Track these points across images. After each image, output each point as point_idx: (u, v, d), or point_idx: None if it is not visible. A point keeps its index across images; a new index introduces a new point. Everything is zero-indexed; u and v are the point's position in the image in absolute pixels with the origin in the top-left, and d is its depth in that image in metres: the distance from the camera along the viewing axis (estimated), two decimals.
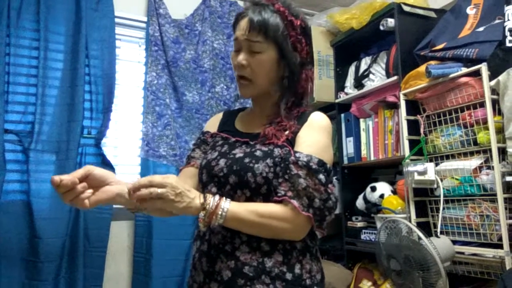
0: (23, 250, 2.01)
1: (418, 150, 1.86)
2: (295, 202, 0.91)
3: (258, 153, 0.98)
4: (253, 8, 1.02)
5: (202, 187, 1.05)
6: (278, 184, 0.94)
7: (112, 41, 2.33)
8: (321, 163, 0.95)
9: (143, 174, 2.36)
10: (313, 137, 1.00)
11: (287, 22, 1.02)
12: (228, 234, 0.96)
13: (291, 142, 1.00)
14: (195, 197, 0.88)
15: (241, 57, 1.02)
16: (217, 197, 0.90)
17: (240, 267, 0.94)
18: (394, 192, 2.12)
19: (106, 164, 2.23)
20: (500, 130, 1.59)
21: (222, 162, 1.01)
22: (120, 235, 2.33)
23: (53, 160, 2.11)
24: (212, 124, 1.20)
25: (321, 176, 0.94)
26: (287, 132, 1.01)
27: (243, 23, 1.02)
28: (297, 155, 0.95)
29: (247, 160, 0.97)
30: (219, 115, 1.22)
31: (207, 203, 0.87)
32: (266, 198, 0.96)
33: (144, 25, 2.52)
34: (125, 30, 2.51)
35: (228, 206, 0.89)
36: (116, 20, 2.37)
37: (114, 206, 2.24)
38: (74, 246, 2.10)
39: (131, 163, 2.46)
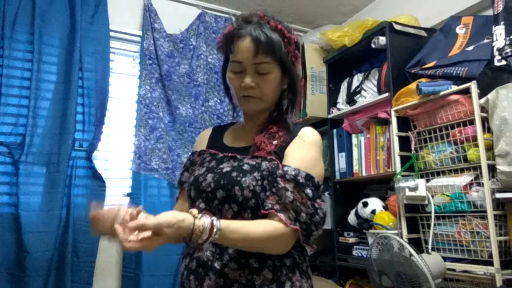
0: (10, 264, 1.97)
1: (409, 166, 1.88)
2: (282, 215, 0.90)
3: (245, 167, 0.98)
4: (251, 28, 1.00)
5: (191, 203, 1.04)
6: (265, 198, 0.93)
7: (106, 54, 2.34)
8: (308, 177, 0.95)
9: (134, 187, 2.34)
10: (302, 152, 1.00)
11: (286, 40, 1.03)
12: (217, 251, 0.95)
13: (279, 154, 1.00)
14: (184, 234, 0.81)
15: (249, 80, 1.00)
16: (206, 233, 0.81)
17: (229, 284, 0.92)
18: (386, 208, 2.13)
19: (97, 177, 2.21)
20: (489, 148, 1.61)
21: (209, 177, 1.00)
22: (109, 250, 2.29)
23: (43, 172, 2.08)
24: (201, 141, 1.19)
25: (308, 191, 0.93)
26: (275, 142, 1.01)
27: (246, 44, 0.99)
28: (285, 168, 0.95)
29: (234, 174, 0.97)
30: (209, 131, 1.22)
31: (196, 235, 0.80)
32: (254, 212, 0.94)
33: (139, 39, 2.53)
34: (119, 43, 2.53)
35: (217, 237, 0.82)
36: (111, 33, 2.39)
37: None
38: (62, 261, 2.06)
39: (122, 177, 2.44)
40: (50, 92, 2.16)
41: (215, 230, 0.81)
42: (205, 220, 0.81)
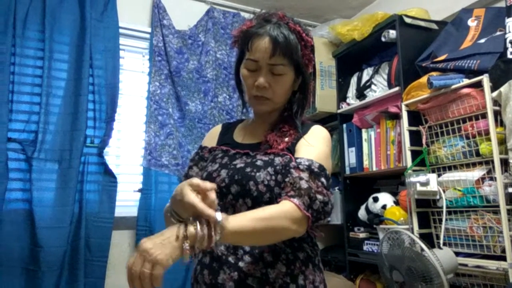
0: (24, 259, 2.00)
1: (420, 160, 1.86)
2: (295, 200, 0.88)
3: (259, 162, 0.99)
4: (271, 28, 1.00)
5: None
6: (281, 190, 0.94)
7: (116, 51, 2.35)
8: (322, 167, 0.96)
9: (145, 183, 2.36)
10: (314, 146, 1.01)
11: (303, 42, 1.03)
12: (231, 245, 0.96)
13: (291, 150, 1.01)
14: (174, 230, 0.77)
15: (263, 80, 1.01)
16: (203, 224, 0.78)
17: (243, 278, 0.93)
18: (397, 203, 2.11)
19: (108, 173, 2.24)
20: (502, 141, 1.59)
21: (223, 172, 1.01)
22: (121, 244, 2.32)
23: (56, 169, 2.11)
24: (211, 138, 1.20)
25: (323, 179, 0.94)
26: (287, 139, 1.03)
27: (264, 44, 0.99)
28: (298, 160, 0.96)
29: (248, 169, 0.98)
30: (218, 128, 1.22)
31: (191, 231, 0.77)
32: None
33: (148, 35, 2.54)
34: (129, 40, 2.54)
35: (221, 225, 0.79)
36: (121, 30, 2.40)
37: (116, 215, 2.24)
38: (75, 256, 2.10)
39: (133, 172, 2.46)
40: (61, 89, 2.19)
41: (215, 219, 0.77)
42: (197, 222, 0.78)
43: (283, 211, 0.87)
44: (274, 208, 0.88)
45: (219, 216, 0.78)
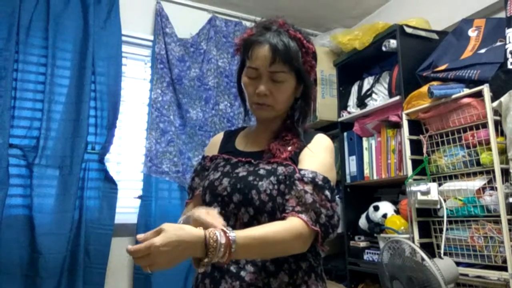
0: (24, 265, 1.99)
1: (421, 170, 1.86)
2: (303, 216, 0.88)
3: (261, 171, 0.98)
4: (270, 36, 1.00)
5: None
6: (285, 201, 0.93)
7: (119, 58, 2.37)
8: (326, 180, 0.95)
9: (145, 190, 2.36)
10: (317, 156, 1.00)
11: (304, 49, 1.03)
12: None
13: (294, 160, 1.00)
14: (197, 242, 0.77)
15: (264, 88, 1.00)
16: (223, 237, 0.78)
17: (245, 287, 0.92)
18: (397, 211, 2.11)
19: (108, 179, 2.24)
20: (503, 151, 1.59)
21: (225, 181, 1.01)
22: (121, 251, 2.30)
23: (57, 175, 2.11)
24: (213, 146, 1.19)
25: (327, 192, 0.93)
26: (290, 148, 1.02)
27: (263, 52, 0.99)
28: (302, 172, 0.95)
29: (251, 178, 0.97)
30: (220, 136, 1.22)
31: (211, 245, 0.76)
32: (271, 216, 0.94)
33: (150, 43, 2.56)
34: (131, 48, 2.56)
35: (235, 246, 0.78)
36: (123, 38, 2.42)
37: (116, 222, 2.23)
38: (74, 262, 2.09)
39: (134, 179, 2.46)
40: (63, 96, 2.20)
41: (229, 233, 0.77)
42: (215, 230, 0.78)
43: (292, 228, 0.87)
44: (283, 225, 0.87)
45: (232, 234, 0.78)
